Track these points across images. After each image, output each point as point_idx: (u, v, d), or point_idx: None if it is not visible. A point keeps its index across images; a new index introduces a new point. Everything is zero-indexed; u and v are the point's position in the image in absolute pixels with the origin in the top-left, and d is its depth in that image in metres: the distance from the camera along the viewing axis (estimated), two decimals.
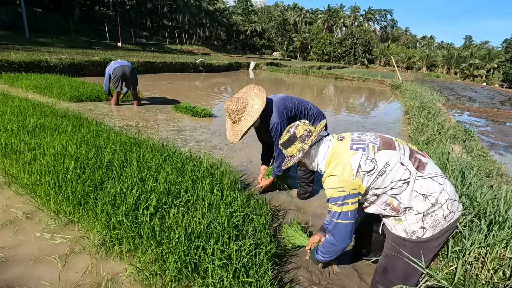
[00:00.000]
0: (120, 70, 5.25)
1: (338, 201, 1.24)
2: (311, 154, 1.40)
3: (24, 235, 1.76)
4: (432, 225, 1.18)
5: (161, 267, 1.46)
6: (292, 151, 1.39)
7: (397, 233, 1.27)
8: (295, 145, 1.38)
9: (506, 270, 1.50)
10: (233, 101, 2.05)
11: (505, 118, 10.36)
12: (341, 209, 1.25)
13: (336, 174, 1.24)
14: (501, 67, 48.83)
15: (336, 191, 1.23)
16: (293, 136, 1.38)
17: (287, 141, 1.41)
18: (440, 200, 1.17)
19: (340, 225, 1.28)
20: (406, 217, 1.23)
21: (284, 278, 1.65)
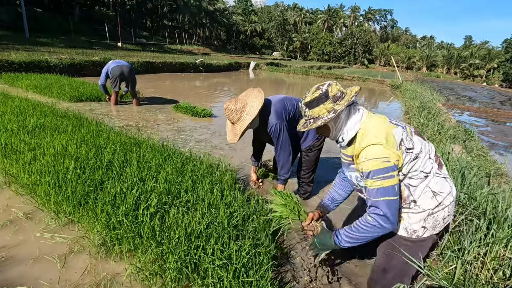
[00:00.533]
0: (118, 69, 5.25)
1: (382, 174, 1.06)
2: (341, 119, 1.18)
3: (24, 235, 1.76)
4: (432, 226, 1.19)
5: (161, 267, 1.46)
6: (320, 111, 1.16)
7: (396, 231, 1.24)
8: (324, 104, 1.15)
9: (506, 270, 1.50)
10: (232, 101, 2.08)
11: (505, 118, 10.36)
12: (387, 183, 1.06)
13: (380, 142, 1.07)
14: (501, 67, 48.83)
15: (380, 161, 1.06)
16: (325, 94, 1.16)
17: (316, 99, 1.17)
18: (445, 202, 1.18)
19: (384, 203, 1.07)
20: (409, 215, 1.20)
21: (284, 278, 1.65)
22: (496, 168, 3.53)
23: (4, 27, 18.60)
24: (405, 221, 1.21)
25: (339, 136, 1.23)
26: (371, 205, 1.12)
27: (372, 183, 1.09)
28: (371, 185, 1.10)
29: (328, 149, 4.03)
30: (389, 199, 1.07)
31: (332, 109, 1.15)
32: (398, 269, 1.27)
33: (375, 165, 1.07)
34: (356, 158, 1.15)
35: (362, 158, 1.11)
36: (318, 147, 2.40)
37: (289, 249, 1.93)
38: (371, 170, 1.08)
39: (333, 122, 1.19)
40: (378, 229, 1.11)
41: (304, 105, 1.21)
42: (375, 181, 1.08)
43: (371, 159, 1.07)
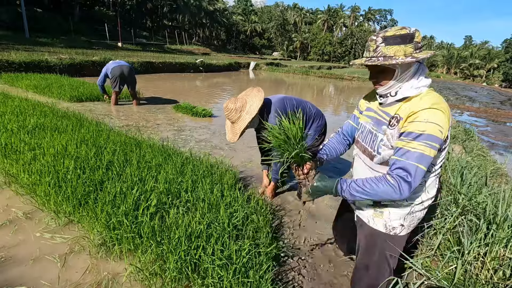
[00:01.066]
0: (118, 70, 5.25)
1: (432, 141, 0.98)
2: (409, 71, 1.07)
3: (24, 235, 1.76)
4: (409, 225, 1.21)
5: (161, 267, 1.46)
6: (397, 51, 1.02)
7: (375, 227, 1.24)
8: (406, 46, 1.03)
9: (506, 270, 1.50)
10: (232, 100, 2.08)
11: (505, 118, 10.37)
12: (429, 152, 0.99)
13: (445, 112, 1.00)
14: (501, 67, 48.83)
15: (437, 129, 0.98)
16: (411, 36, 1.04)
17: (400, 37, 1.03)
18: (425, 203, 1.18)
19: (417, 170, 0.99)
20: (390, 212, 1.19)
21: (284, 278, 1.65)
22: (496, 168, 3.54)
23: (4, 27, 18.60)
24: (384, 217, 1.21)
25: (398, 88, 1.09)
26: (399, 167, 1.02)
27: (417, 146, 0.99)
28: (414, 148, 1.00)
29: None
30: (422, 167, 1.00)
31: (411, 54, 1.03)
32: (379, 264, 1.28)
33: (432, 130, 0.98)
34: (408, 117, 1.03)
35: (421, 117, 1.00)
36: (317, 147, 2.41)
37: (289, 249, 1.93)
38: (426, 133, 0.98)
39: (402, 69, 1.06)
40: (394, 193, 1.03)
41: (381, 38, 1.05)
42: (421, 145, 0.99)
43: (431, 122, 0.98)
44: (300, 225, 1.92)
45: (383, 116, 1.16)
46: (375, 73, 1.13)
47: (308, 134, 2.36)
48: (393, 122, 1.10)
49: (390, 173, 1.04)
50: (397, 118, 1.08)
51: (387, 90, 1.12)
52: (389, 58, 1.03)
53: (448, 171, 2.57)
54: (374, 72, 1.13)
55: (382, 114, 1.17)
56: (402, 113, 1.07)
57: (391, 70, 1.07)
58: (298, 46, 60.94)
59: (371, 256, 1.28)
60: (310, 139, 2.36)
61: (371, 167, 1.19)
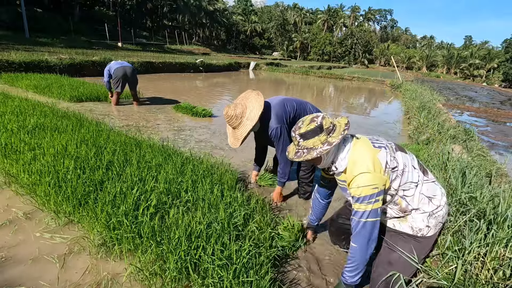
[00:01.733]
0: (121, 70, 5.26)
1: (371, 199, 1.20)
2: (332, 150, 1.30)
3: (23, 235, 1.76)
4: (435, 225, 1.30)
5: (161, 267, 1.46)
6: (314, 142, 1.25)
7: (402, 229, 1.34)
8: (319, 136, 1.25)
9: (506, 270, 1.50)
10: (232, 107, 2.07)
11: (505, 118, 10.37)
12: (371, 207, 1.21)
13: (368, 170, 1.20)
14: (501, 67, 48.82)
15: (370, 188, 1.19)
16: (320, 126, 1.26)
17: (311, 132, 1.26)
18: (441, 203, 1.30)
19: (369, 224, 1.23)
20: (413, 216, 1.31)
21: (284, 278, 1.65)
22: (496, 168, 3.53)
23: (4, 27, 18.59)
24: (408, 221, 1.31)
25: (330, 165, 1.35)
26: (355, 226, 1.25)
27: (359, 207, 1.23)
28: (358, 208, 1.23)
29: None
30: (373, 220, 1.23)
31: (326, 141, 1.25)
32: (402, 262, 1.34)
33: (365, 191, 1.20)
34: (348, 184, 1.27)
35: (353, 184, 1.23)
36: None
37: (290, 249, 1.92)
38: (360, 196, 1.21)
39: (325, 154, 1.29)
40: (365, 251, 1.26)
41: (299, 136, 1.29)
42: (363, 205, 1.22)
43: (361, 186, 1.20)
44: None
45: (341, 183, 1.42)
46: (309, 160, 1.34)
47: None
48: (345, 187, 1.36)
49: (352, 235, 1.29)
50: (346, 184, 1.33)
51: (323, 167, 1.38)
52: (311, 149, 1.26)
53: (448, 171, 2.57)
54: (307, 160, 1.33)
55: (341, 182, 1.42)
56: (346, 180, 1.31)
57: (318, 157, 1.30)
58: (298, 46, 60.92)
59: (396, 255, 1.36)
60: None
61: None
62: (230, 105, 2.10)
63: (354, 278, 1.32)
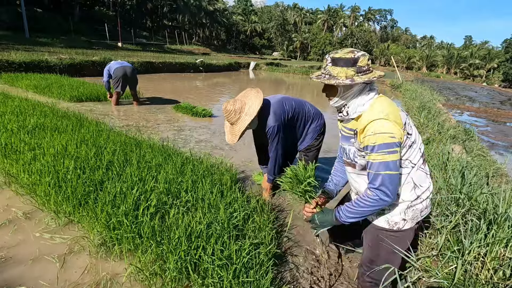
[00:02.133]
0: (121, 70, 5.26)
1: (387, 148, 1.09)
2: (352, 90, 1.20)
3: (23, 235, 1.76)
4: (411, 218, 1.26)
5: (161, 267, 1.46)
6: (339, 72, 1.15)
7: (379, 224, 1.30)
8: (348, 69, 1.15)
9: (506, 270, 1.50)
10: (231, 102, 2.07)
11: (505, 118, 10.37)
12: (389, 158, 1.10)
13: (389, 118, 1.11)
14: (501, 67, 48.82)
15: (387, 136, 1.09)
16: (354, 60, 1.15)
17: (344, 60, 1.16)
18: (423, 196, 1.25)
19: (386, 177, 1.12)
20: (390, 207, 1.27)
21: (284, 278, 1.65)
22: (496, 168, 3.53)
23: (4, 27, 18.60)
24: (386, 213, 1.28)
25: (343, 106, 1.24)
26: (372, 179, 1.15)
27: (376, 157, 1.12)
28: (374, 159, 1.12)
29: (328, 149, 4.03)
30: (391, 173, 1.11)
31: (351, 77, 1.15)
32: (383, 259, 1.32)
33: (382, 139, 1.09)
34: (361, 132, 1.16)
35: (369, 131, 1.12)
36: (316, 146, 2.41)
37: (290, 248, 1.92)
38: (377, 143, 1.10)
39: (344, 89, 1.20)
40: (378, 203, 1.16)
41: (330, 59, 1.19)
42: (379, 155, 1.11)
43: (378, 133, 1.10)
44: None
45: (346, 131, 1.31)
46: (325, 87, 1.27)
47: (307, 134, 2.36)
48: (353, 136, 1.26)
49: (369, 186, 1.18)
50: (355, 133, 1.23)
51: (334, 104, 1.26)
52: (332, 77, 1.17)
53: (448, 171, 2.57)
54: (324, 86, 1.27)
55: (345, 130, 1.32)
56: (358, 128, 1.20)
57: (335, 87, 1.21)
58: (298, 46, 60.92)
59: (376, 252, 1.34)
60: (309, 139, 2.36)
61: (358, 174, 1.33)
62: (229, 100, 2.10)
63: (350, 220, 1.25)
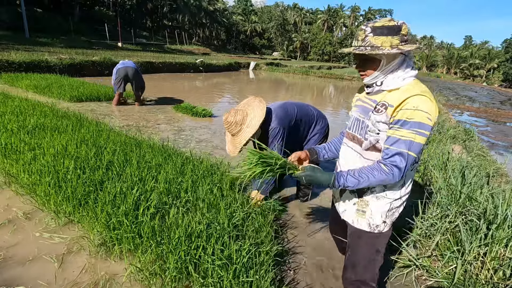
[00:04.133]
0: (123, 71, 5.26)
1: (420, 129, 1.02)
2: (394, 62, 1.09)
3: (23, 235, 1.76)
4: (391, 220, 1.24)
5: (161, 267, 1.46)
6: (384, 42, 1.06)
7: (359, 227, 1.27)
8: (393, 37, 1.05)
9: (506, 270, 1.50)
10: (232, 113, 1.98)
11: (505, 118, 10.37)
12: (418, 139, 1.03)
13: (431, 99, 1.03)
14: (501, 67, 48.82)
15: (426, 116, 1.01)
16: (398, 28, 1.06)
17: (388, 28, 1.06)
18: (403, 198, 1.22)
19: (410, 158, 1.04)
20: (372, 209, 1.22)
21: (284, 278, 1.65)
22: (496, 168, 3.54)
23: (4, 27, 18.58)
24: (367, 216, 1.24)
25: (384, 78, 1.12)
26: (392, 154, 1.07)
27: (406, 134, 1.03)
28: (403, 135, 1.04)
29: None
30: (412, 155, 1.05)
31: (396, 46, 1.06)
32: (366, 261, 1.31)
33: (420, 117, 1.01)
34: (397, 105, 1.06)
35: (409, 105, 1.03)
36: None
37: (290, 248, 1.93)
38: (414, 120, 1.02)
39: (387, 60, 1.10)
40: (388, 179, 1.09)
41: (370, 28, 1.08)
42: (411, 132, 1.03)
43: (419, 109, 1.01)
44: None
45: (369, 103, 1.19)
46: (362, 62, 1.15)
47: (312, 137, 2.34)
48: (378, 108, 1.12)
49: (384, 162, 1.09)
50: (385, 105, 1.10)
51: (372, 80, 1.14)
52: (376, 48, 1.06)
53: (448, 171, 2.57)
54: (360, 61, 1.15)
55: (368, 101, 1.20)
56: (390, 100, 1.09)
57: (377, 60, 1.10)
58: (298, 46, 60.93)
59: (358, 255, 1.32)
60: (314, 141, 2.33)
61: (361, 154, 1.21)
62: (230, 111, 2.01)
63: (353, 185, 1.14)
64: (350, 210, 1.29)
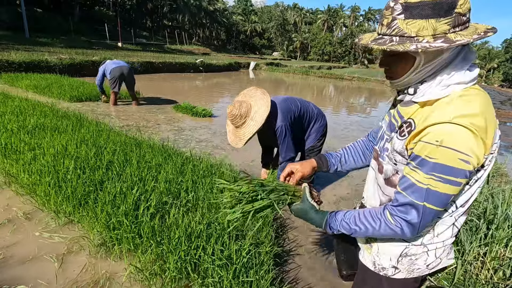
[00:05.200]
0: (118, 71, 5.26)
1: (449, 175, 0.66)
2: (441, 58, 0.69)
3: (23, 234, 1.76)
4: (408, 269, 0.88)
5: (161, 267, 1.46)
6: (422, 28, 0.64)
7: (363, 261, 0.98)
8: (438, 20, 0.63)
9: (506, 270, 1.50)
10: (236, 105, 1.96)
11: (505, 118, 10.37)
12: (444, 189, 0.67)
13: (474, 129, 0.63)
14: (501, 67, 48.84)
15: (457, 157, 0.64)
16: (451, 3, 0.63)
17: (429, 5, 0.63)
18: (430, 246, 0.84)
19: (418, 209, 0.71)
20: (379, 247, 0.91)
21: (284, 278, 1.65)
22: (496, 168, 3.53)
23: (4, 27, 18.59)
24: (373, 252, 0.93)
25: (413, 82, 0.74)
26: (402, 204, 0.74)
27: (423, 179, 0.68)
28: (419, 180, 0.69)
29: (329, 149, 4.03)
30: (433, 208, 0.70)
31: (444, 35, 0.64)
32: None
33: (447, 159, 0.65)
34: (417, 133, 0.70)
35: (433, 137, 0.66)
36: (318, 148, 2.39)
37: (290, 248, 1.93)
38: (437, 161, 0.66)
39: (427, 57, 0.69)
40: (395, 235, 0.77)
41: (401, 6, 0.66)
42: (430, 178, 0.68)
43: (447, 147, 0.64)
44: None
45: (396, 118, 0.82)
46: (387, 57, 0.77)
47: (310, 134, 2.35)
48: (403, 130, 0.77)
49: (391, 210, 0.77)
50: (410, 125, 0.74)
51: (400, 84, 0.76)
52: (408, 39, 0.66)
53: None
54: (385, 56, 0.77)
55: (396, 115, 0.83)
56: (417, 119, 0.73)
57: (409, 57, 0.71)
58: (298, 46, 60.94)
59: None
60: (312, 139, 2.34)
61: (380, 187, 0.89)
62: (234, 103, 1.99)
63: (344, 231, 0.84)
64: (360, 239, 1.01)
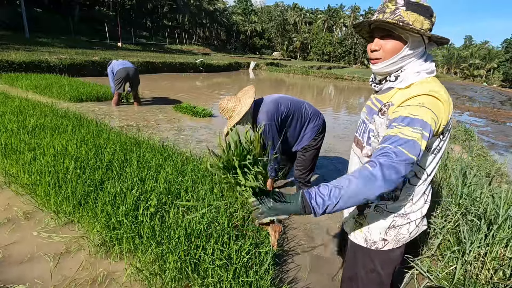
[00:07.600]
0: (124, 71, 5.27)
1: (423, 128, 0.81)
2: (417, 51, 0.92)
3: (22, 234, 1.76)
4: (395, 239, 1.03)
5: (161, 267, 1.46)
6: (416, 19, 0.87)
7: (355, 241, 1.11)
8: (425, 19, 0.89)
9: (506, 270, 1.50)
10: (226, 99, 2.15)
11: (505, 118, 10.37)
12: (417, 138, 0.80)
13: (442, 99, 0.86)
14: (501, 67, 48.87)
15: (430, 116, 0.83)
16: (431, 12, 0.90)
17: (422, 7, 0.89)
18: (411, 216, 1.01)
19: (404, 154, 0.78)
20: (370, 224, 1.04)
21: (284, 278, 1.65)
22: (496, 168, 3.54)
23: (4, 27, 18.60)
24: (364, 229, 1.07)
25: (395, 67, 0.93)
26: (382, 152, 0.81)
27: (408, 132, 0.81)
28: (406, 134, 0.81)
29: (329, 149, 4.03)
30: (411, 156, 0.79)
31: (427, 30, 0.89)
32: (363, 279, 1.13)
33: (425, 115, 0.83)
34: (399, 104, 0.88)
35: (414, 101, 0.85)
36: (314, 146, 2.39)
37: (290, 248, 1.93)
38: (419, 117, 0.82)
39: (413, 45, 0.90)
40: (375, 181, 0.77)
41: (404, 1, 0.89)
42: (413, 131, 0.81)
43: (426, 106, 0.83)
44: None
45: (375, 104, 1.02)
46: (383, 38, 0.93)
47: (304, 134, 2.37)
48: (383, 110, 0.94)
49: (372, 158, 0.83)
50: (389, 105, 0.92)
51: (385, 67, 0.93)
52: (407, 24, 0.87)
53: (448, 171, 2.57)
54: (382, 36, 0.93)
55: (375, 102, 1.02)
56: (395, 100, 0.91)
57: (402, 41, 0.90)
58: (298, 46, 60.96)
59: (354, 270, 1.17)
60: (306, 139, 2.36)
61: (362, 161, 1.05)
62: (225, 97, 2.19)
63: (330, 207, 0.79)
64: (350, 221, 1.14)
